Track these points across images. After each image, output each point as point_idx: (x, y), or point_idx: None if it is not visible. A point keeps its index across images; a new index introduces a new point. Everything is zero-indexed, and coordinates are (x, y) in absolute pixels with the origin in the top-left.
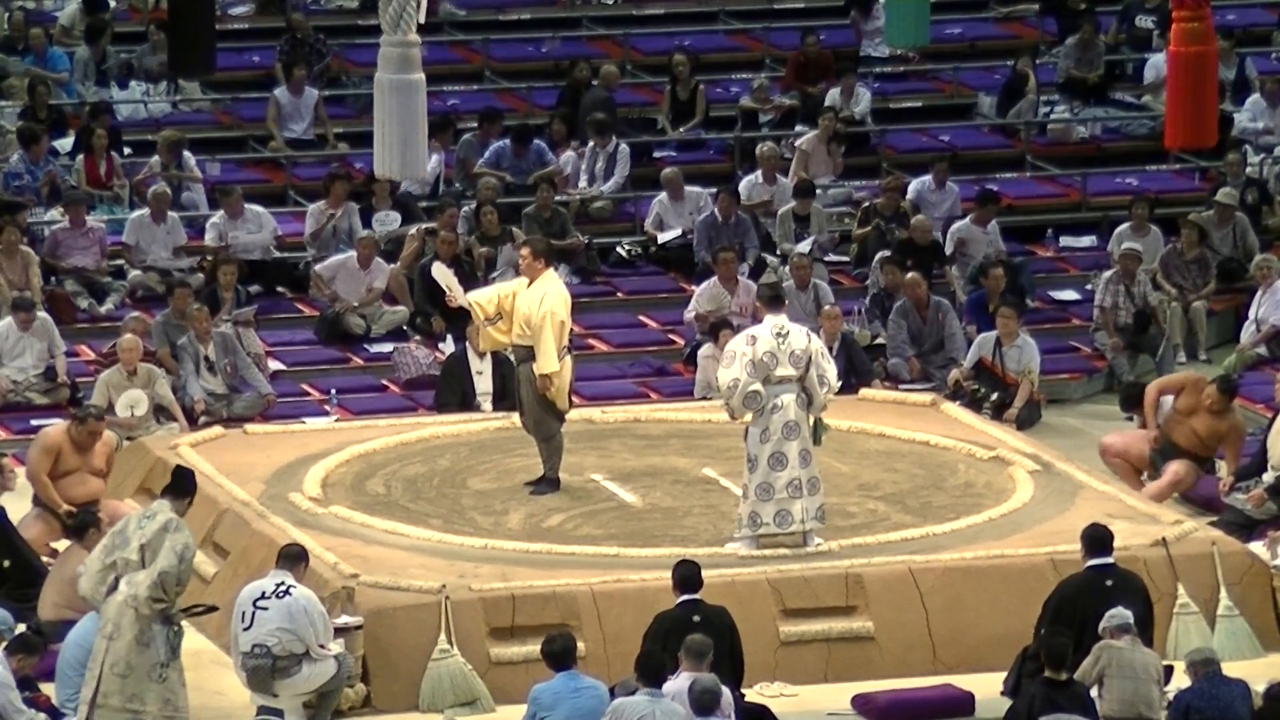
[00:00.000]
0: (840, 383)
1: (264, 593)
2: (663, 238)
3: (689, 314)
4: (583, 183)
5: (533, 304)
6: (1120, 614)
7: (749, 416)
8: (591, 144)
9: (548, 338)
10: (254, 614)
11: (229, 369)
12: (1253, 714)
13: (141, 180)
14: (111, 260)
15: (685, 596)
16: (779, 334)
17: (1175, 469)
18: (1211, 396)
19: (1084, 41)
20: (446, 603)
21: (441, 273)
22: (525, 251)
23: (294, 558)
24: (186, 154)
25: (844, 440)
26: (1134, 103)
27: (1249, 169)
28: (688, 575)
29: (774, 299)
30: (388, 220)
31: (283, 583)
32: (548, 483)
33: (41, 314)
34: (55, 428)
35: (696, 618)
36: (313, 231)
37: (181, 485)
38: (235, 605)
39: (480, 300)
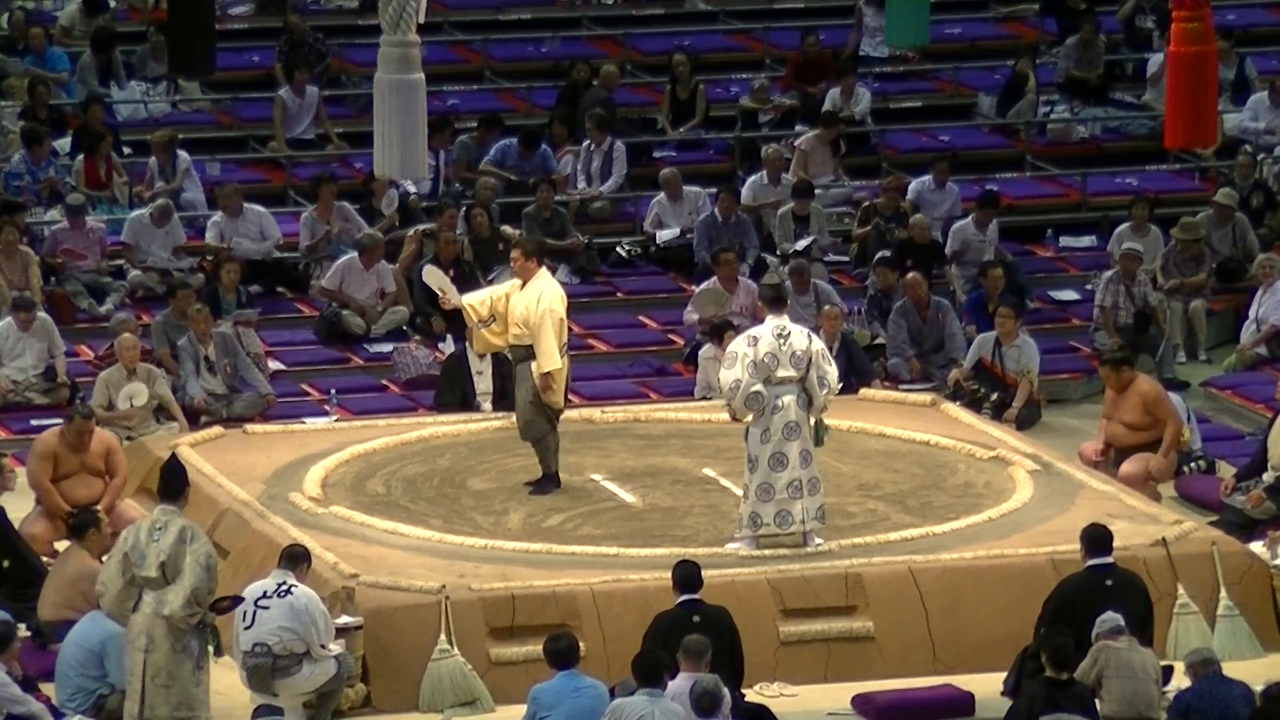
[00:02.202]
0: (840, 383)
1: (265, 592)
2: (661, 236)
3: (689, 315)
4: (581, 183)
5: (530, 303)
6: (1111, 618)
7: (750, 417)
8: (588, 142)
9: (548, 335)
10: (255, 613)
11: (229, 369)
12: (1253, 714)
13: (149, 192)
14: (111, 260)
15: (685, 596)
16: (780, 335)
17: (1135, 459)
18: (1102, 375)
19: (1084, 41)
20: (446, 603)
21: (433, 275)
22: (516, 253)
23: (296, 558)
24: (181, 153)
25: (844, 440)
26: (1134, 103)
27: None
28: (687, 575)
29: (776, 299)
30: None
31: (284, 582)
32: (548, 482)
33: (41, 314)
34: (48, 433)
35: (696, 618)
36: (309, 245)
37: (172, 484)
38: None
39: (473, 303)
